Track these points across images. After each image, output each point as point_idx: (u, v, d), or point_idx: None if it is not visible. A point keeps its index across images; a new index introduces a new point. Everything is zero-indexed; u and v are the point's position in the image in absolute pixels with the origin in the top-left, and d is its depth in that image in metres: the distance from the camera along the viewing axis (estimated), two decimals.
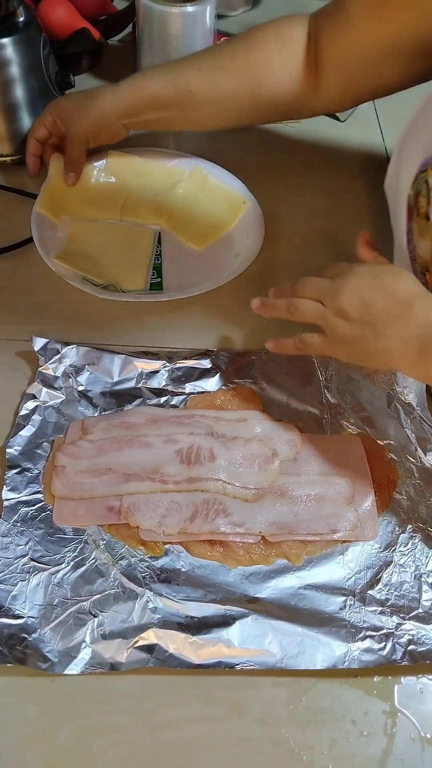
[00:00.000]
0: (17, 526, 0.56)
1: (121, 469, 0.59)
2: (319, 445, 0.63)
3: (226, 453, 0.61)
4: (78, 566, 0.54)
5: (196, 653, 0.50)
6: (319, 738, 0.49)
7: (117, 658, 0.50)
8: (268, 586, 0.55)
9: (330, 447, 0.63)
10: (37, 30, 0.82)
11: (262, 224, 0.81)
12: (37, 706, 0.49)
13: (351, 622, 0.53)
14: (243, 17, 1.17)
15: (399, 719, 0.50)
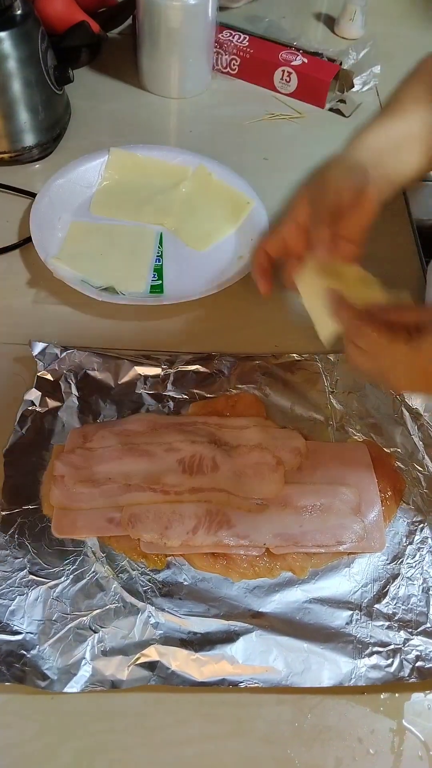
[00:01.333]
0: (15, 537, 0.55)
1: (122, 479, 0.58)
2: (325, 453, 0.61)
3: (229, 462, 0.59)
4: (78, 580, 0.53)
5: (199, 670, 0.49)
6: (324, 757, 0.48)
7: (118, 676, 0.49)
8: (273, 600, 0.53)
9: (335, 455, 0.61)
10: (35, 23, 0.80)
11: (266, 225, 0.79)
12: (36, 725, 0.48)
13: (357, 638, 0.51)
14: (245, 9, 1.14)
15: (406, 737, 0.49)
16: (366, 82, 1.01)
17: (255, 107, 0.98)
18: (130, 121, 0.95)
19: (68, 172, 0.82)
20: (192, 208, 0.82)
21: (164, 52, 0.94)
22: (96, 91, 0.99)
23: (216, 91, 1.00)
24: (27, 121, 0.83)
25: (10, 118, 0.82)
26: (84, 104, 0.95)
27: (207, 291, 0.72)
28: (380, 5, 1.16)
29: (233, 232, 0.80)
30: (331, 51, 1.01)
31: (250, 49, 0.99)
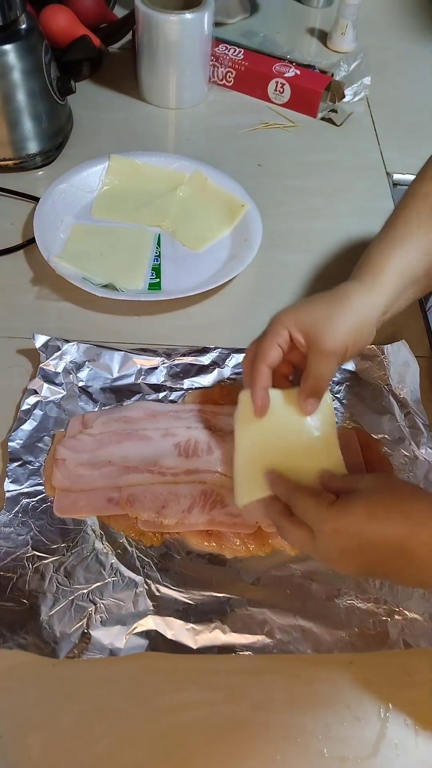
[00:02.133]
0: (19, 516, 0.57)
1: (121, 462, 0.60)
2: None
3: (224, 446, 0.62)
4: (78, 556, 0.56)
5: (193, 639, 0.51)
6: (314, 722, 0.50)
7: (116, 644, 0.51)
8: (264, 575, 0.56)
9: None
10: (39, 37, 0.84)
11: (260, 227, 0.82)
12: (38, 690, 0.50)
13: (345, 610, 0.54)
14: (241, 24, 1.19)
15: (392, 705, 0.51)
16: (357, 93, 1.05)
17: (250, 117, 1.02)
18: (129, 131, 0.99)
19: (70, 177, 0.85)
20: (189, 210, 0.85)
21: (162, 64, 0.98)
22: (97, 102, 1.03)
23: (212, 101, 1.05)
24: (31, 130, 0.87)
25: (14, 126, 0.86)
26: (86, 114, 0.99)
27: (202, 288, 0.75)
28: (371, 20, 1.21)
29: (228, 234, 0.84)
30: (324, 63, 1.05)
31: (245, 62, 1.03)
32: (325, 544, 0.48)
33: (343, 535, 0.47)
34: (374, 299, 0.58)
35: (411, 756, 0.49)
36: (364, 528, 0.46)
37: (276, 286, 0.80)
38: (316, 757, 0.49)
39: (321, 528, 0.47)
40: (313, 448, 0.57)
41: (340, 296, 0.58)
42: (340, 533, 0.47)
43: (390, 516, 0.46)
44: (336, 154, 0.98)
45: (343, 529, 0.47)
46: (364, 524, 0.46)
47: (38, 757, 0.48)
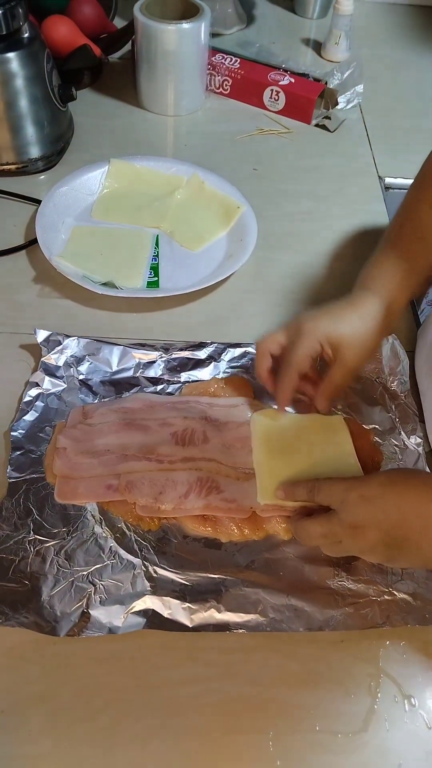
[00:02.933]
0: (21, 502, 0.59)
1: (119, 450, 0.62)
2: None
3: (219, 436, 0.64)
4: (78, 540, 0.57)
5: (189, 618, 0.53)
6: (306, 697, 0.52)
7: (114, 623, 0.53)
8: (258, 558, 0.57)
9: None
10: (41, 46, 0.87)
11: (255, 228, 0.85)
12: (38, 667, 0.52)
13: (337, 590, 0.56)
14: (237, 35, 1.23)
15: (383, 681, 0.53)
16: (350, 100, 1.08)
17: (246, 123, 1.05)
18: (129, 137, 1.02)
19: (71, 180, 0.88)
20: (186, 212, 0.88)
21: (161, 73, 1.01)
22: (98, 109, 1.06)
23: (209, 109, 1.08)
24: (33, 135, 0.90)
25: (17, 131, 0.89)
26: (86, 121, 1.02)
27: (199, 285, 0.77)
28: (364, 30, 1.25)
29: (225, 235, 0.86)
30: (318, 72, 1.08)
31: (241, 70, 1.06)
32: (350, 513, 0.51)
33: (370, 502, 0.51)
34: (393, 323, 0.65)
35: (400, 730, 0.51)
36: (391, 494, 0.51)
37: (270, 284, 0.82)
38: (308, 731, 0.50)
39: (346, 498, 0.52)
40: (331, 460, 0.62)
41: (366, 316, 0.63)
42: (368, 499, 0.51)
43: (409, 485, 0.52)
44: (329, 159, 1.01)
45: (367, 494, 0.51)
46: (386, 488, 0.51)
47: (38, 730, 0.49)
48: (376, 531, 0.50)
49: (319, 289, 0.81)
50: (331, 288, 0.81)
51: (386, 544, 0.51)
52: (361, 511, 0.51)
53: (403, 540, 0.50)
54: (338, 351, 0.62)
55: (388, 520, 0.50)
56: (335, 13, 1.13)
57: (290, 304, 0.80)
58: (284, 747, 0.50)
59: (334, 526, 0.52)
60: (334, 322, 0.63)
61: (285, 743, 0.50)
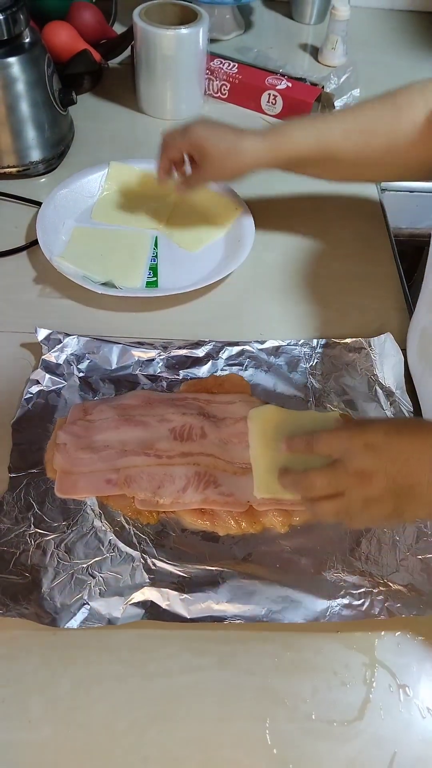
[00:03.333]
0: (22, 497, 0.60)
1: (119, 446, 0.63)
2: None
3: (217, 431, 0.65)
4: (78, 533, 0.58)
5: (187, 609, 0.54)
6: (302, 686, 0.53)
7: (113, 614, 0.54)
8: (255, 551, 0.58)
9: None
10: (42, 51, 0.89)
11: (252, 229, 0.86)
12: (38, 657, 0.53)
13: (332, 582, 0.56)
14: (235, 41, 1.24)
15: (378, 671, 0.54)
16: (347, 104, 1.09)
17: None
18: (128, 141, 1.03)
19: (72, 183, 0.89)
20: (185, 214, 0.89)
21: (160, 77, 1.02)
22: (98, 113, 1.07)
23: (208, 113, 1.09)
24: (34, 138, 0.91)
25: (18, 135, 0.90)
26: (87, 125, 1.03)
27: (197, 285, 0.78)
28: (360, 36, 1.26)
29: (222, 236, 0.87)
30: (315, 77, 1.10)
31: (239, 75, 1.07)
32: (355, 461, 0.50)
33: (376, 449, 0.50)
34: (259, 156, 0.75)
35: (395, 719, 0.52)
36: (396, 440, 0.51)
37: (267, 284, 0.83)
38: (304, 719, 0.51)
39: (350, 445, 0.51)
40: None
41: (238, 138, 0.76)
42: (374, 447, 0.50)
43: (414, 433, 0.51)
44: None
45: (372, 441, 0.51)
46: (391, 436, 0.51)
47: (38, 719, 0.50)
48: (383, 478, 0.49)
49: (315, 289, 0.82)
50: (327, 288, 0.83)
51: (393, 492, 0.50)
52: (366, 458, 0.50)
53: (410, 488, 0.49)
54: (201, 157, 0.76)
55: (394, 467, 0.49)
56: (332, 19, 1.15)
57: (287, 304, 0.81)
58: (281, 735, 0.50)
59: (339, 475, 0.51)
60: (209, 131, 0.77)
61: (281, 731, 0.51)
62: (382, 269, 0.86)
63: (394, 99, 0.72)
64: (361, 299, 0.81)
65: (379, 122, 0.72)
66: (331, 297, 0.82)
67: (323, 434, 0.54)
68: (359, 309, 0.80)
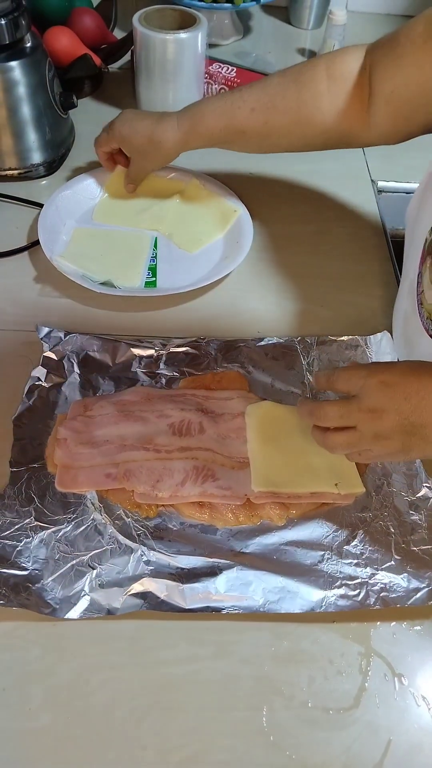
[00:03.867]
0: (23, 491, 0.61)
1: (118, 441, 0.64)
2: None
3: (215, 427, 0.66)
4: (78, 526, 0.59)
5: (185, 599, 0.55)
6: (298, 675, 0.53)
7: (113, 605, 0.55)
8: (253, 543, 0.59)
9: None
10: (43, 55, 0.90)
11: (251, 230, 0.87)
12: (39, 647, 0.54)
13: (328, 573, 0.57)
14: (234, 45, 1.26)
15: (373, 660, 0.54)
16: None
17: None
18: None
19: (74, 185, 0.91)
20: (184, 215, 0.90)
21: (159, 81, 1.04)
22: (98, 117, 1.07)
23: None
24: (35, 141, 0.93)
25: (20, 137, 0.91)
26: (87, 128, 1.04)
27: (196, 285, 0.79)
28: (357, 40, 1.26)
29: (221, 237, 0.89)
30: None
31: (237, 79, 1.09)
32: (370, 398, 0.52)
33: (391, 387, 0.52)
34: (177, 137, 0.81)
35: (391, 707, 0.52)
36: (412, 380, 0.51)
37: (265, 284, 0.84)
38: (300, 707, 0.52)
39: (366, 383, 0.52)
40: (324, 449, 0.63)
41: (156, 124, 0.81)
42: (389, 384, 0.52)
43: (427, 371, 0.52)
44: (323, 164, 1.03)
45: (391, 381, 0.52)
46: (408, 376, 0.52)
47: (39, 707, 0.51)
48: (395, 415, 0.51)
49: (312, 288, 0.84)
50: (324, 287, 0.84)
51: (404, 430, 0.51)
52: (381, 395, 0.51)
53: (421, 427, 0.51)
54: (129, 151, 0.85)
55: (408, 404, 0.51)
56: (329, 24, 1.17)
57: (284, 302, 0.82)
58: (277, 723, 0.51)
59: (352, 410, 0.53)
60: (130, 125, 0.83)
61: (278, 719, 0.51)
62: (379, 269, 0.87)
63: (298, 75, 0.75)
64: (358, 298, 0.82)
65: (283, 100, 0.75)
66: (328, 296, 0.83)
67: (342, 371, 0.55)
68: (356, 307, 0.81)
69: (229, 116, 0.78)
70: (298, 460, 0.64)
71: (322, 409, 0.56)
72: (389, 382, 0.52)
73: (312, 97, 0.74)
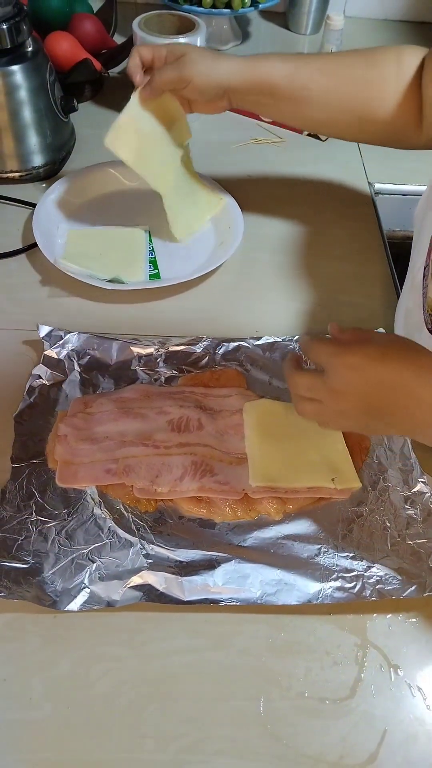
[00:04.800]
0: (24, 486, 0.62)
1: (118, 437, 0.65)
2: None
3: (213, 423, 0.67)
4: (78, 520, 0.60)
5: (184, 592, 0.56)
6: (295, 666, 0.54)
7: (113, 597, 0.55)
8: (250, 537, 0.60)
9: None
10: (44, 59, 0.92)
11: (240, 216, 0.89)
12: (39, 638, 0.54)
13: (325, 566, 0.58)
14: (233, 50, 1.28)
15: (369, 651, 0.55)
16: None
17: (240, 134, 1.09)
18: None
19: (59, 187, 0.92)
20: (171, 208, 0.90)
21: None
22: (99, 121, 1.09)
23: (205, 120, 1.10)
24: (36, 144, 0.94)
25: (21, 141, 0.93)
26: (88, 132, 1.06)
27: (198, 273, 0.81)
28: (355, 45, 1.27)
29: (211, 225, 0.90)
30: None
31: None
32: (335, 378, 0.53)
33: (354, 371, 0.52)
34: (232, 73, 0.75)
35: (386, 698, 0.53)
36: (376, 365, 0.52)
37: (263, 284, 0.85)
38: (297, 698, 0.53)
39: (332, 362, 0.53)
40: (321, 445, 0.65)
41: (216, 55, 0.77)
42: (352, 368, 0.52)
43: (401, 359, 0.52)
44: (321, 166, 1.04)
45: (355, 364, 0.52)
46: (376, 362, 0.52)
47: (39, 697, 0.52)
48: (356, 399, 0.53)
49: (309, 288, 0.85)
50: (321, 286, 0.85)
51: (363, 411, 0.53)
52: (344, 378, 0.53)
53: (379, 410, 0.53)
54: (182, 53, 0.75)
55: (367, 389, 0.52)
56: (327, 29, 1.18)
57: (282, 302, 0.83)
58: (274, 712, 0.52)
59: (318, 385, 0.55)
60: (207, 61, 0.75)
61: (275, 709, 0.52)
62: (375, 269, 0.88)
63: (370, 54, 0.75)
64: (355, 298, 0.83)
65: (352, 70, 0.75)
66: (325, 295, 0.84)
67: (315, 344, 0.56)
68: (352, 307, 0.82)
69: (295, 67, 0.75)
70: (295, 456, 0.65)
71: (294, 378, 0.58)
72: (354, 365, 0.52)
73: (380, 77, 0.73)
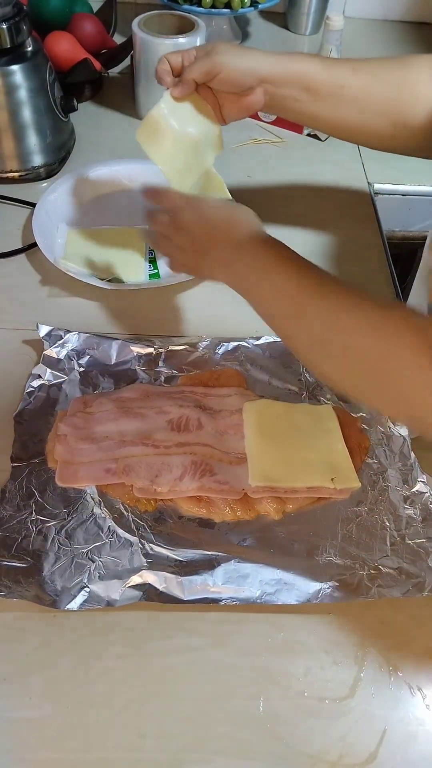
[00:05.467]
0: (24, 486, 0.62)
1: (118, 437, 0.65)
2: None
3: (213, 423, 0.67)
4: (78, 520, 0.60)
5: (183, 591, 0.56)
6: (295, 666, 0.54)
7: (112, 596, 0.55)
8: (250, 536, 0.60)
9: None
10: (44, 59, 0.92)
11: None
12: (39, 637, 0.54)
13: (324, 566, 0.58)
14: None
15: (368, 651, 0.55)
16: None
17: (240, 134, 1.09)
18: (127, 146, 1.04)
19: (59, 187, 0.92)
20: None
21: (158, 85, 1.05)
22: (98, 121, 1.10)
23: None
24: (36, 144, 0.94)
25: (20, 140, 0.93)
26: (87, 132, 1.06)
27: None
28: (355, 45, 1.29)
29: None
30: None
31: None
32: (181, 215, 0.66)
33: (195, 211, 0.66)
34: (265, 63, 0.72)
35: (385, 697, 0.53)
36: (211, 209, 0.66)
37: None
38: (296, 697, 0.53)
39: (179, 204, 0.67)
40: (320, 446, 0.66)
41: (248, 48, 0.75)
42: (194, 208, 0.66)
43: (233, 211, 0.67)
44: (320, 166, 1.04)
45: (195, 206, 0.66)
46: (213, 208, 0.67)
47: (39, 696, 0.52)
48: (191, 236, 0.65)
49: None
50: None
51: (195, 249, 0.66)
52: (185, 215, 0.66)
53: (205, 245, 0.65)
54: (213, 47, 0.72)
55: (199, 227, 0.65)
56: (326, 29, 1.18)
57: None
58: (274, 712, 0.52)
59: (167, 221, 0.67)
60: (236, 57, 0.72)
61: (274, 708, 0.52)
62: (375, 270, 0.88)
63: (404, 59, 0.74)
64: None
65: (387, 71, 0.73)
66: None
67: (163, 191, 0.70)
68: None
69: (329, 64, 0.73)
70: (294, 456, 0.65)
71: (152, 215, 0.69)
72: (195, 206, 0.66)
73: (416, 81, 0.72)
